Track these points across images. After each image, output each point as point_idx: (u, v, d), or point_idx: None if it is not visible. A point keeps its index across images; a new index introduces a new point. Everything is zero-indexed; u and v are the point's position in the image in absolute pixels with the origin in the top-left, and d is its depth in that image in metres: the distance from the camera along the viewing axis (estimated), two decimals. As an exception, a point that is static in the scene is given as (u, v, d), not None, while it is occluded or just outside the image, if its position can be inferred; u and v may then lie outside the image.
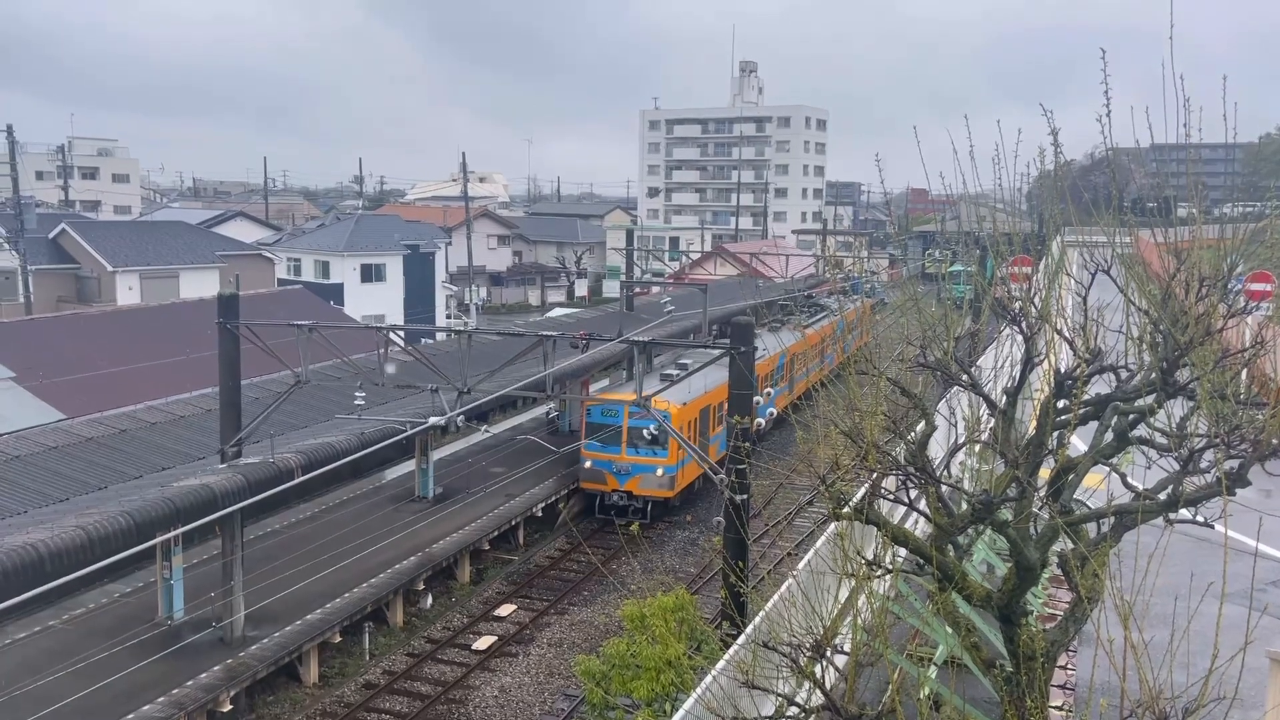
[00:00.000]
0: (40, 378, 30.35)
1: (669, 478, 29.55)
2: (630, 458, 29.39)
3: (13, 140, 45.28)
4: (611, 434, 29.54)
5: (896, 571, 8.36)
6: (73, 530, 16.24)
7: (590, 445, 29.85)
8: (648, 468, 29.35)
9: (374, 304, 55.59)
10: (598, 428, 29.76)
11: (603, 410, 29.65)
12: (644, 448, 29.31)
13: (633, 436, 29.39)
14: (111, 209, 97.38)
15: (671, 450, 29.08)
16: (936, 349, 8.47)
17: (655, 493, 29.47)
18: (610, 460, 29.59)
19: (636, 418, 28.69)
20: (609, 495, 29.70)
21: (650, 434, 29.15)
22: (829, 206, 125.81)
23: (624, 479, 29.41)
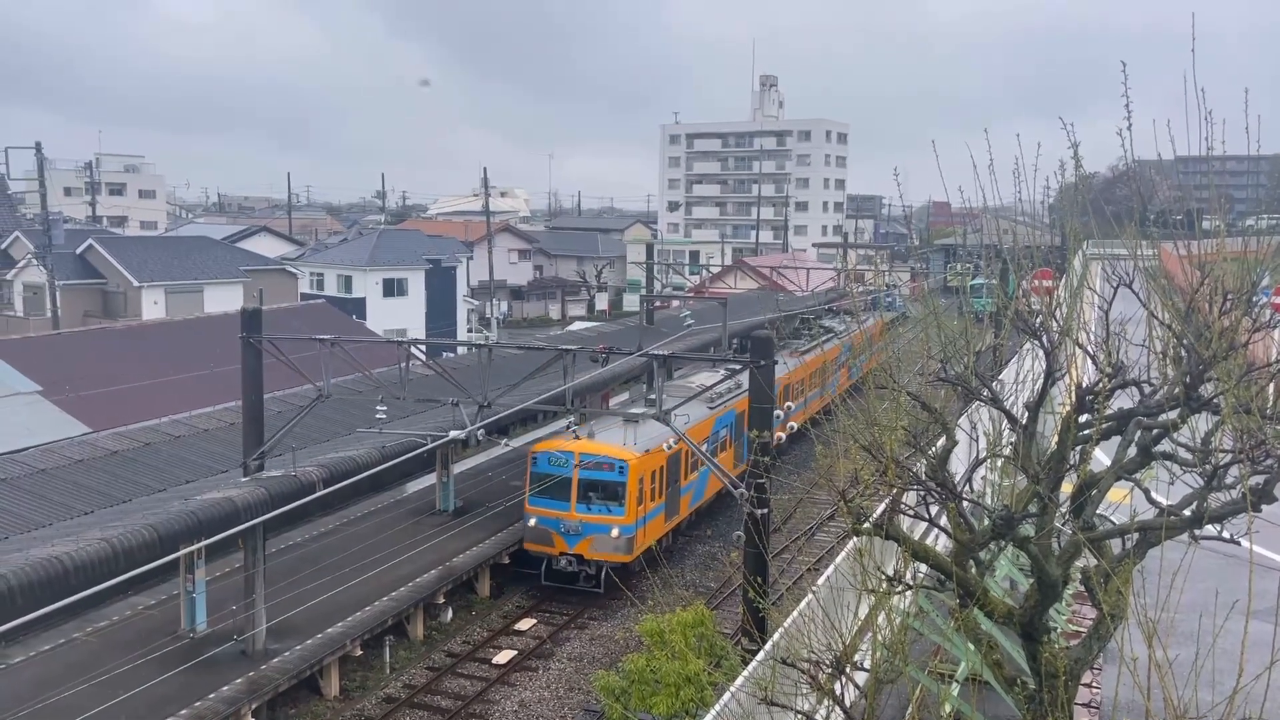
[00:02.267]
0: (66, 391, 30.68)
1: (626, 539, 25.12)
2: (581, 515, 25.23)
3: (41, 157, 45.93)
4: (560, 487, 25.48)
5: (917, 587, 8.30)
6: (97, 543, 16.37)
7: (535, 500, 25.78)
8: (601, 528, 25.09)
9: (396, 318, 55.89)
10: (544, 479, 25.70)
11: (550, 459, 25.81)
12: (598, 504, 25.29)
13: (585, 491, 25.42)
14: (138, 225, 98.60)
15: (630, 506, 25.12)
16: (957, 363, 8.42)
17: (610, 557, 24.99)
18: (558, 518, 25.38)
19: (588, 467, 25.34)
20: (556, 559, 25.49)
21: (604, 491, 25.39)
22: (850, 220, 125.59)
23: (573, 540, 25.25)
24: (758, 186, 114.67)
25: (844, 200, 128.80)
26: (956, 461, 9.67)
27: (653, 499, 26.31)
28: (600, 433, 26.75)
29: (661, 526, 27.36)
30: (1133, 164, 8.31)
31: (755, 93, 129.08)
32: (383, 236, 64.86)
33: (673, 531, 28.69)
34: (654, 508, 26.54)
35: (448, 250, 66.05)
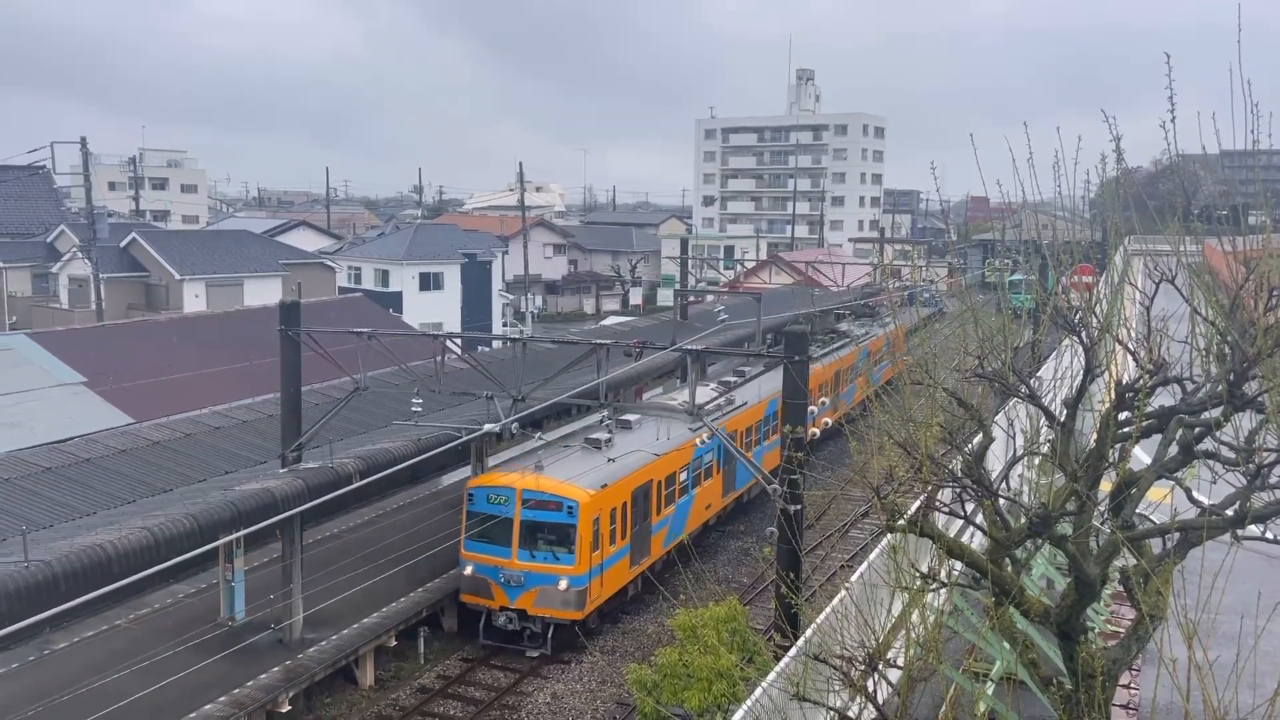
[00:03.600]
0: (110, 383, 31.21)
1: (576, 593, 21.54)
2: (524, 564, 21.68)
3: (86, 152, 46.69)
4: (500, 529, 21.94)
5: (952, 585, 8.23)
6: (139, 531, 16.67)
7: (472, 544, 22.21)
8: (547, 578, 21.51)
9: (432, 312, 56.30)
10: (482, 519, 22.14)
11: (488, 496, 22.20)
12: (543, 550, 21.75)
13: (529, 534, 21.88)
14: (180, 219, 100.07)
15: (581, 553, 21.50)
16: (995, 359, 8.34)
17: (558, 613, 21.53)
18: (497, 566, 21.81)
19: (531, 506, 21.74)
20: (495, 614, 21.90)
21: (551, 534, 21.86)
22: (887, 215, 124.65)
23: (515, 593, 21.68)
24: (793, 181, 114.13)
25: (880, 195, 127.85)
26: (993, 459, 9.58)
27: (613, 541, 22.67)
28: (553, 463, 22.96)
29: (625, 573, 23.51)
30: (1176, 158, 8.18)
31: (791, 87, 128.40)
32: (419, 231, 65.34)
33: (642, 577, 24.59)
34: (615, 552, 22.78)
35: (483, 245, 66.42)
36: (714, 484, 28.59)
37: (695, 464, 27.01)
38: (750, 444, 30.82)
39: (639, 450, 24.50)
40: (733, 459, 28.63)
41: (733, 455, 28.17)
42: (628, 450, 24.16)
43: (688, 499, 26.69)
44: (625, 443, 24.64)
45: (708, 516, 28.51)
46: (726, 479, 29.52)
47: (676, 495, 25.92)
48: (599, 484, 22.29)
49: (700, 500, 27.54)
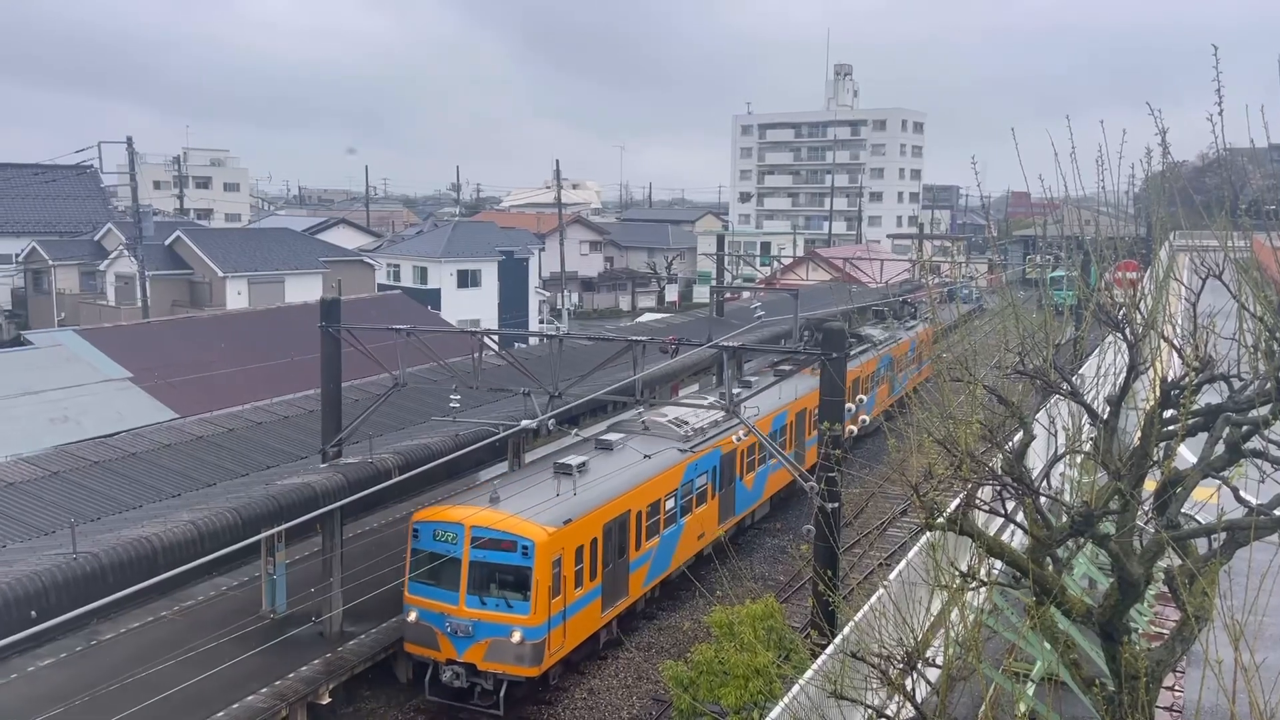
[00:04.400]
0: (155, 378, 31.77)
1: (532, 646, 18.62)
2: (473, 611, 18.77)
3: (132, 152, 47.55)
4: (447, 571, 19.11)
5: (991, 584, 8.16)
6: (184, 525, 16.97)
7: (417, 586, 19.40)
8: (498, 629, 18.60)
9: (470, 309, 56.70)
10: (428, 558, 19.34)
11: (434, 532, 19.30)
12: (495, 596, 18.82)
13: (478, 578, 18.96)
14: (223, 217, 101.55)
15: (538, 601, 18.58)
16: (1036, 356, 8.24)
17: (511, 669, 18.68)
18: (443, 613, 18.96)
19: (482, 545, 18.85)
20: (442, 668, 19.05)
21: None
22: (926, 210, 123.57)
23: (463, 644, 18.84)
24: (831, 177, 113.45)
25: (920, 190, 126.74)
26: (1034, 457, 9.46)
27: (580, 584, 19.90)
28: (512, 495, 19.83)
29: (595, 619, 20.70)
30: (1224, 151, 8.03)
31: (829, 82, 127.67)
32: (457, 229, 65.81)
33: (618, 620, 22.07)
34: (581, 596, 19.99)
35: (520, 242, 66.77)
36: (708, 510, 25.52)
37: (685, 490, 24.02)
38: (753, 463, 28.14)
39: (617, 476, 21.74)
40: (731, 481, 26.51)
41: (731, 477, 26.43)
42: (604, 476, 21.44)
43: (675, 530, 23.77)
44: (602, 467, 21.82)
45: (701, 547, 25.33)
46: (724, 504, 26.47)
47: (661, 526, 22.99)
48: (562, 519, 19.36)
49: (691, 530, 24.66)
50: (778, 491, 30.73)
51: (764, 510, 29.96)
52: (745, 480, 27.83)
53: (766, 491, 29.66)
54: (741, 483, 27.55)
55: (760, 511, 29.59)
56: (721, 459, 25.88)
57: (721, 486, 26.14)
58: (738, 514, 27.54)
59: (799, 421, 31.02)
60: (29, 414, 27.71)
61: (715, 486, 25.78)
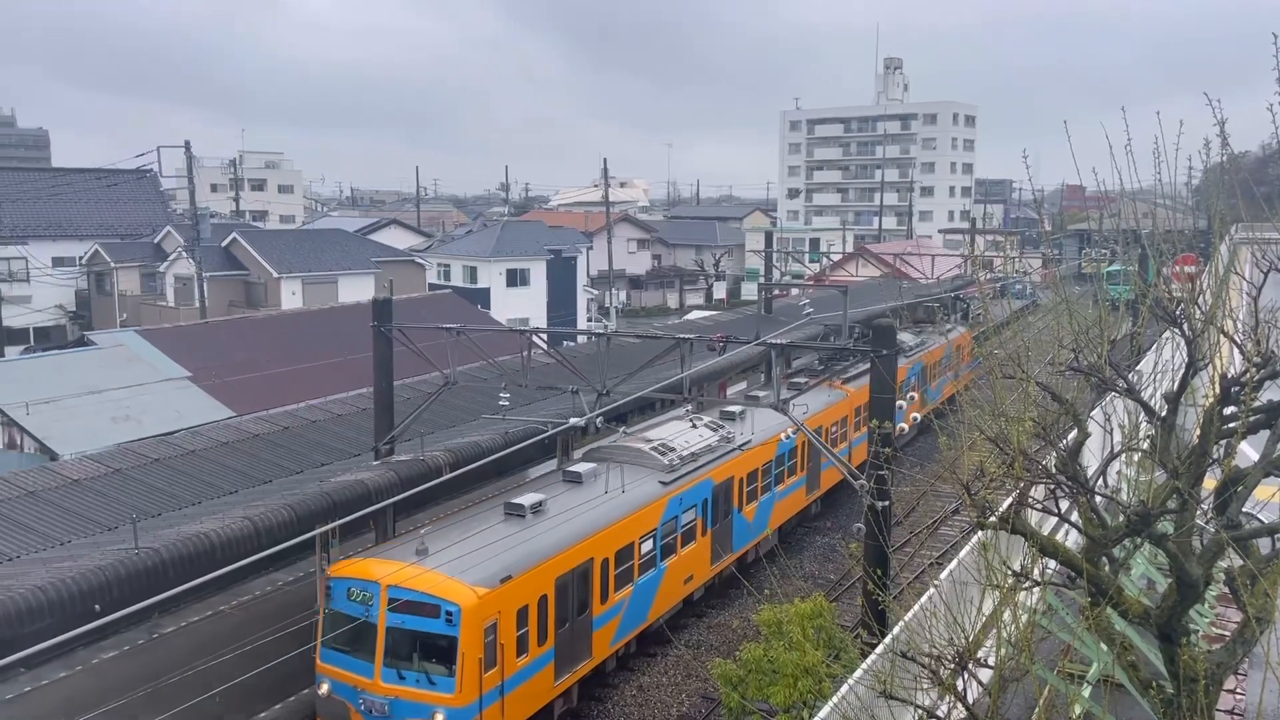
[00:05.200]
0: (213, 377, 32.45)
1: None
2: (389, 687, 15.68)
3: (190, 156, 48.58)
4: (361, 636, 16.05)
5: (1045, 584, 8.03)
6: (241, 521, 17.32)
7: (329, 654, 16.46)
8: (418, 708, 15.44)
9: (519, 307, 57.09)
10: (340, 621, 16.28)
11: (349, 590, 16.25)
12: (414, 670, 15.61)
13: (397, 646, 15.81)
14: (277, 218, 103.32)
15: (466, 676, 15.33)
16: (1091, 352, 8.10)
17: None
18: (357, 687, 15.98)
19: (400, 609, 15.60)
20: None
21: None
22: (978, 205, 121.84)
23: None
24: (880, 172, 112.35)
25: (972, 185, 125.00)
26: (1089, 455, 9.31)
27: (524, 651, 16.58)
28: (443, 547, 16.36)
29: (547, 689, 17.37)
30: (1287, 141, 7.82)
31: (879, 76, 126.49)
32: (506, 228, 66.29)
33: (579, 686, 18.98)
34: (527, 665, 16.67)
35: (568, 241, 67.04)
36: (697, 550, 22.24)
37: (666, 529, 20.82)
38: (754, 491, 24.86)
39: (580, 517, 18.43)
40: (727, 514, 23.40)
41: (727, 510, 23.33)
42: (564, 517, 18.20)
43: (653, 576, 20.44)
44: (563, 507, 18.64)
45: (689, 591, 22.40)
46: (719, 541, 23.16)
47: (635, 573, 19.68)
48: (499, 576, 16.00)
49: (675, 574, 21.47)
50: (789, 519, 27.71)
51: (770, 543, 26.38)
52: (745, 512, 24.43)
53: (774, 522, 26.27)
54: (740, 515, 24.21)
55: (767, 544, 26.21)
56: (715, 490, 22.71)
57: (715, 521, 22.80)
58: (736, 550, 24.21)
59: (777, 463, 26.33)
60: (93, 412, 28.47)
61: (707, 522, 22.44)
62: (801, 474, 27.72)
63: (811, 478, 28.44)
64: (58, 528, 18.82)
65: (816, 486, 29.17)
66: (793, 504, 27.46)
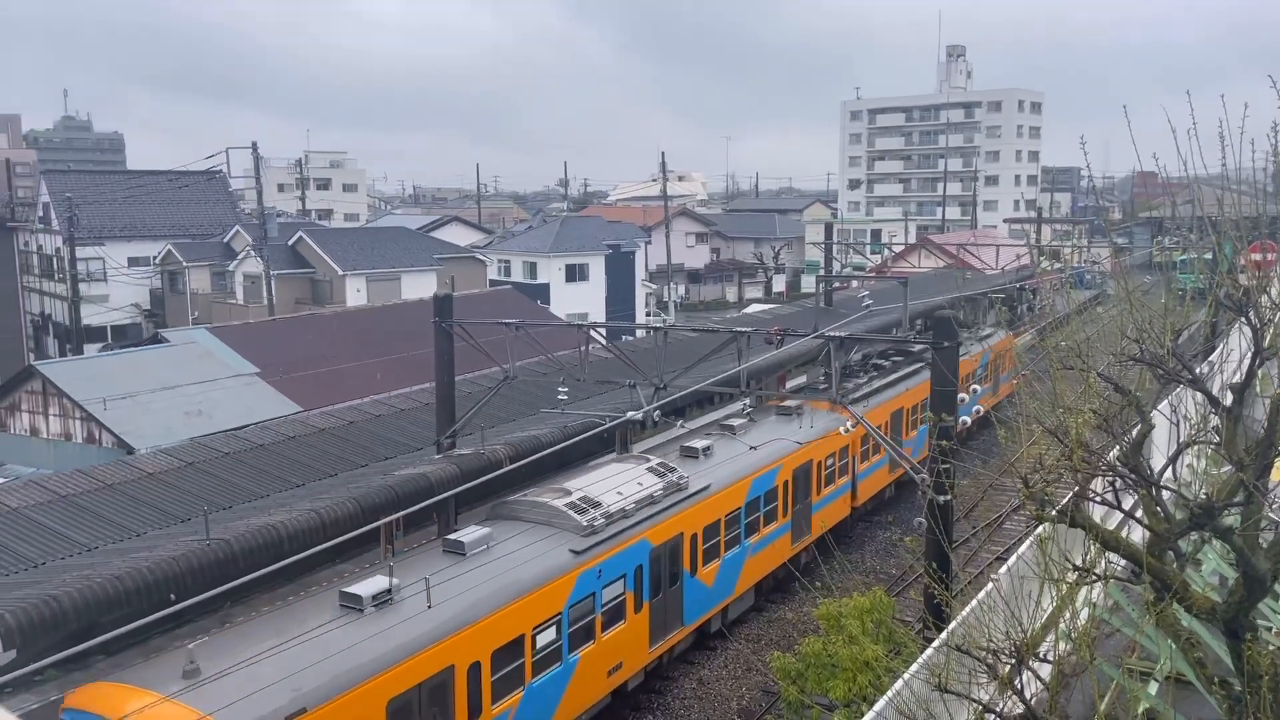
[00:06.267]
0: (280, 373, 33.21)
1: None
2: None
3: (257, 156, 49.72)
4: None
5: (1108, 579, 7.89)
6: (307, 513, 17.76)
7: None
8: None
9: (577, 302, 57.40)
10: None
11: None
12: None
13: None
14: (342, 217, 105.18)
15: None
16: (1156, 343, 7.93)
17: None
18: None
19: None
20: None
21: None
22: (1044, 193, 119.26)
23: None
24: (943, 161, 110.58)
25: (1038, 173, 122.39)
26: (1153, 448, 9.11)
27: None
28: (232, 664, 11.70)
29: None
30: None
31: (941, 64, 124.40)
32: (565, 224, 66.69)
33: None
34: None
35: (626, 235, 67.20)
36: (628, 631, 17.59)
37: (578, 611, 16.19)
38: (715, 548, 20.43)
39: (445, 607, 13.79)
40: (675, 581, 18.93)
41: (674, 575, 18.87)
42: (421, 605, 13.67)
43: (558, 673, 15.87)
44: (427, 590, 13.84)
45: (619, 682, 17.81)
46: (661, 614, 18.61)
47: (527, 674, 15.14)
48: (287, 711, 11.39)
49: (593, 666, 16.80)
50: (773, 573, 23.18)
51: (745, 604, 22.55)
52: (703, 575, 19.94)
53: (745, 581, 21.75)
54: (695, 580, 19.61)
55: (739, 607, 22.20)
56: (654, 554, 18.13)
57: (655, 592, 18.37)
58: (689, 623, 19.64)
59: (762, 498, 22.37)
60: (167, 407, 29.34)
61: (641, 595, 17.92)
62: (784, 519, 23.08)
63: (799, 522, 23.84)
64: (134, 519, 19.49)
65: (806, 531, 24.24)
66: (772, 556, 22.78)
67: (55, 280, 60.03)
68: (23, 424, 31.40)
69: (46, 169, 75.38)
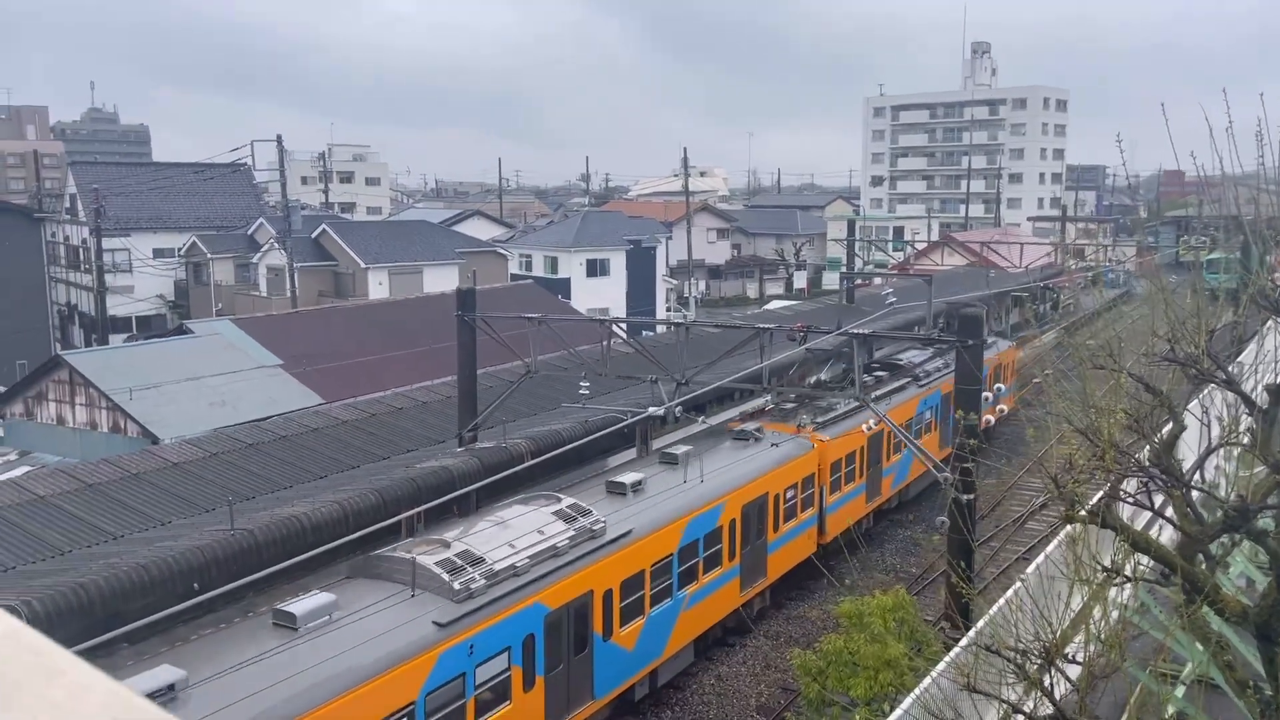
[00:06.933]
0: (303, 365, 33.38)
1: None
2: None
3: (282, 150, 49.97)
4: None
5: (1137, 580, 7.81)
6: (330, 505, 17.84)
7: None
8: None
9: (598, 297, 57.39)
10: None
11: None
12: None
13: None
14: (364, 210, 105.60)
15: None
16: (1188, 343, 7.84)
17: None
18: None
19: None
20: None
21: None
22: (1069, 192, 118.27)
23: None
24: (967, 158, 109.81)
25: (1063, 171, 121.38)
26: (1185, 449, 9.01)
27: None
28: None
29: None
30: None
31: (966, 61, 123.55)
32: (586, 219, 66.69)
33: None
34: None
35: (648, 231, 67.14)
36: (514, 715, 14.64)
37: (443, 696, 13.29)
38: (638, 604, 17.47)
39: (262, 697, 11.17)
40: (584, 647, 16.16)
41: (584, 639, 16.11)
42: (225, 700, 10.97)
43: None
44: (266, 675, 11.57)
45: None
46: (562, 688, 15.76)
47: None
48: None
49: None
50: (720, 621, 20.65)
51: (683, 661, 19.76)
52: (621, 637, 17.04)
53: (679, 638, 18.91)
54: (609, 645, 16.79)
55: (675, 667, 19.45)
56: (550, 620, 15.22)
57: (552, 666, 15.41)
58: (602, 695, 16.75)
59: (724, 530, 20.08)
60: (191, 398, 29.57)
61: (534, 669, 15.00)
62: (731, 563, 20.27)
63: (751, 565, 21.09)
64: (158, 508, 19.65)
65: (760, 575, 21.59)
66: (715, 607, 19.93)
67: (81, 271, 60.60)
68: (50, 413, 31.74)
69: (74, 160, 76.11)
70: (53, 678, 0.65)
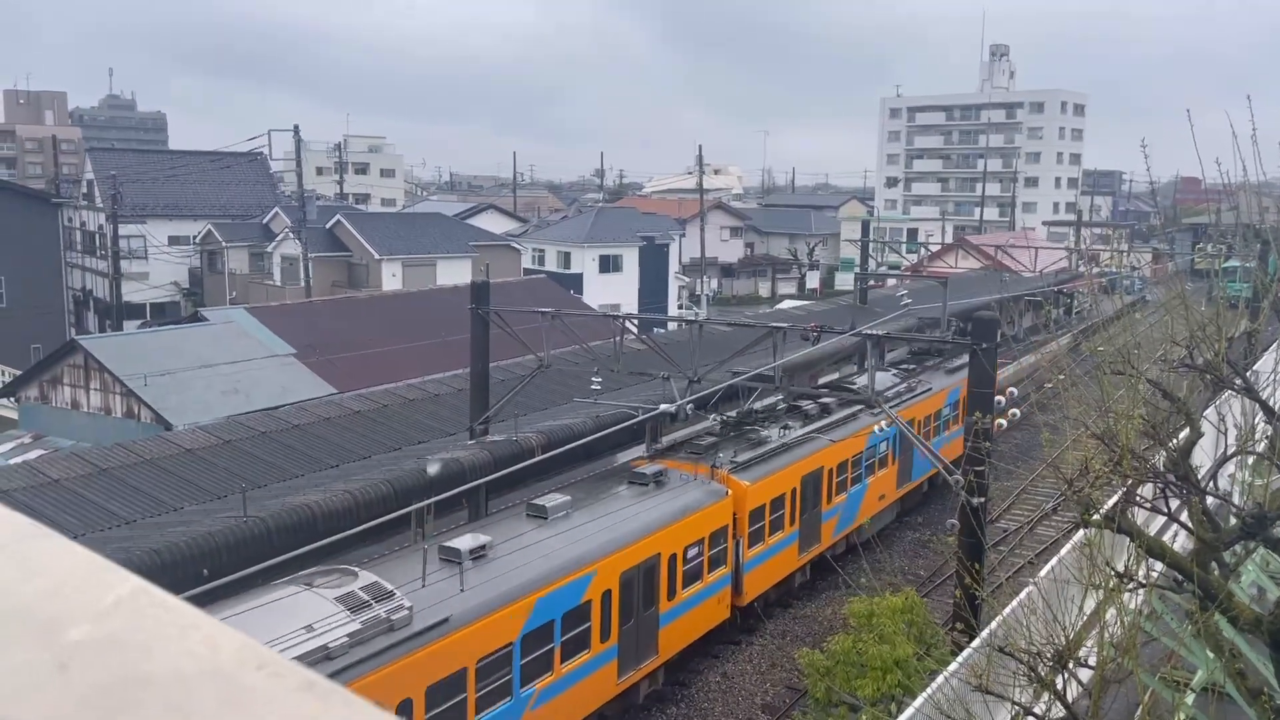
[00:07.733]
0: (316, 355, 33.50)
1: None
2: None
3: (299, 140, 50.09)
4: None
5: (1150, 586, 7.80)
6: (342, 494, 17.92)
7: None
8: None
9: (611, 293, 57.41)
10: None
11: None
12: None
13: None
14: (379, 201, 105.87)
15: None
16: (1206, 350, 7.82)
17: None
18: None
19: None
20: None
21: None
22: (1085, 196, 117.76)
23: None
24: (983, 161, 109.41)
25: (1079, 176, 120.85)
26: (1201, 456, 8.99)
27: None
28: None
29: None
30: None
31: (983, 63, 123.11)
32: (600, 214, 66.70)
33: None
34: None
35: (661, 228, 67.14)
36: None
37: None
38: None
39: None
40: None
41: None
42: None
43: None
44: None
45: None
46: None
47: None
48: None
49: None
50: None
51: None
52: None
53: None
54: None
55: None
56: None
57: None
58: None
59: None
60: (205, 385, 29.71)
61: None
62: (605, 644, 16.71)
63: (634, 643, 17.45)
64: (171, 494, 19.76)
65: (649, 653, 17.97)
66: (581, 699, 16.31)
67: (97, 257, 60.93)
68: (64, 397, 31.95)
69: (91, 147, 76.50)
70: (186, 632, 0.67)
